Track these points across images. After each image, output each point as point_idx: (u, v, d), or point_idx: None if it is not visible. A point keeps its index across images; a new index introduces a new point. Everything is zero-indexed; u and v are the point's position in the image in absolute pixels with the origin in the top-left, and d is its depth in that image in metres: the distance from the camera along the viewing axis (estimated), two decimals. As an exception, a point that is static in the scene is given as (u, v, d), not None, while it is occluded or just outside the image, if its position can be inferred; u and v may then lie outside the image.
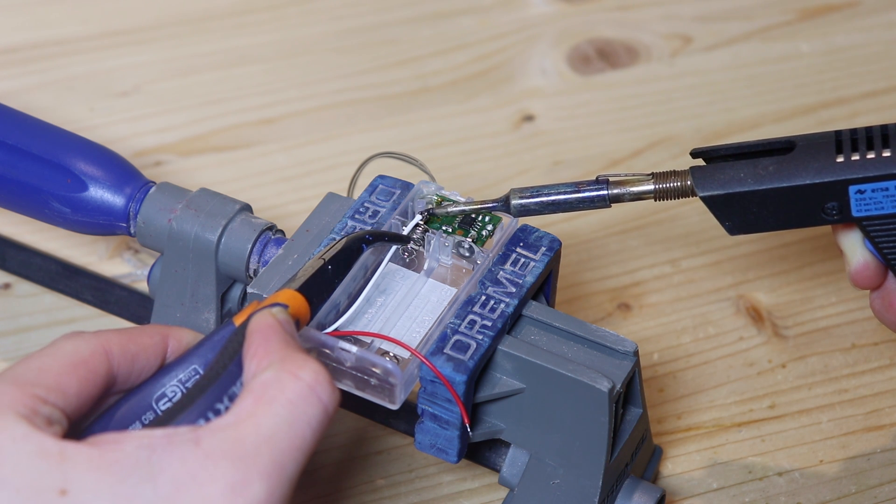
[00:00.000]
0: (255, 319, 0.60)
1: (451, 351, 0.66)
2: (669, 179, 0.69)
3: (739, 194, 0.67)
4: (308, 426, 0.56)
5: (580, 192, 0.70)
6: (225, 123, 0.95)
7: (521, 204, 0.70)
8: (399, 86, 0.97)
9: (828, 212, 0.67)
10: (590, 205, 0.70)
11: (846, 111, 0.96)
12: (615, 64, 1.00)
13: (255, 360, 0.58)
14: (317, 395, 0.57)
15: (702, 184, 0.68)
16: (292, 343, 0.59)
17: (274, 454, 0.55)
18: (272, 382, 0.57)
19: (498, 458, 0.74)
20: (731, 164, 0.68)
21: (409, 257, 0.71)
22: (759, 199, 0.67)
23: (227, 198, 0.73)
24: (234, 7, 1.02)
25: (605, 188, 0.69)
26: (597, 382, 0.66)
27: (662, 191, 0.69)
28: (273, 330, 0.59)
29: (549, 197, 0.70)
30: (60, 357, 0.59)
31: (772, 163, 0.67)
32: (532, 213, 0.70)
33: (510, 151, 0.94)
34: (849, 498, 0.76)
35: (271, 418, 0.56)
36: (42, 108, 0.94)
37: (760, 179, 0.67)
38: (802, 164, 0.67)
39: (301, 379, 0.57)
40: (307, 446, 0.56)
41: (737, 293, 0.86)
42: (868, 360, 0.82)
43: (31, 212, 0.75)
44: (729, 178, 0.68)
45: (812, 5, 1.03)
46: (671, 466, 0.78)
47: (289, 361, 0.57)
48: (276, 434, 0.56)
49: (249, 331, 0.60)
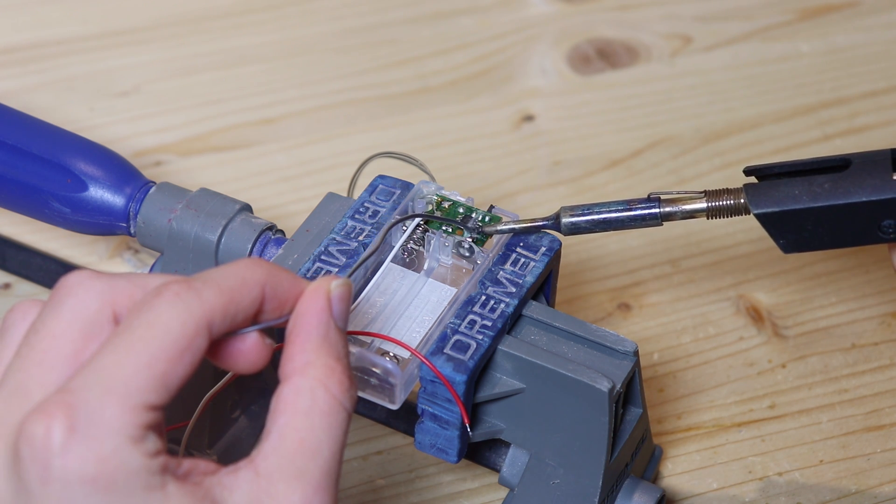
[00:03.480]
0: (308, 298, 0.58)
1: (451, 351, 0.66)
2: (722, 197, 0.68)
3: (794, 212, 0.66)
4: (340, 430, 0.57)
5: (632, 211, 0.69)
6: (225, 123, 0.95)
7: (573, 222, 0.70)
8: (399, 86, 0.97)
9: (884, 230, 0.66)
10: (641, 223, 0.69)
11: (846, 111, 0.96)
12: (615, 64, 1.00)
13: (293, 350, 0.57)
14: (342, 405, 0.57)
15: (756, 201, 0.67)
16: (331, 337, 0.58)
17: (321, 465, 0.56)
18: (305, 392, 0.56)
19: (498, 458, 0.74)
20: (786, 182, 0.67)
21: (409, 257, 0.71)
22: (814, 217, 0.66)
23: (227, 198, 0.73)
24: (234, 7, 1.02)
25: (657, 206, 0.69)
26: (597, 382, 0.66)
27: (715, 209, 0.68)
28: (318, 319, 0.58)
29: (601, 215, 0.69)
30: (165, 342, 0.53)
31: (827, 180, 0.66)
32: (583, 231, 0.69)
33: (510, 151, 0.94)
34: (849, 498, 0.76)
35: (312, 432, 0.56)
36: (42, 108, 0.94)
37: (816, 197, 0.66)
38: (858, 181, 0.66)
39: (329, 390, 0.57)
40: (342, 448, 0.57)
41: (737, 293, 0.86)
42: (868, 360, 0.82)
43: (31, 212, 0.75)
44: (783, 195, 0.67)
45: (812, 5, 1.03)
46: (671, 466, 0.78)
47: (320, 367, 0.57)
48: (320, 446, 0.56)
49: (297, 312, 0.58)
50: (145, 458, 0.53)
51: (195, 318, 0.54)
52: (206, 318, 0.54)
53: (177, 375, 0.54)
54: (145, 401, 0.53)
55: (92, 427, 0.52)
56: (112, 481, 0.52)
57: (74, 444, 0.52)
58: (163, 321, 0.54)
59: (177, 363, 0.54)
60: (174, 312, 0.54)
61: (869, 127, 0.95)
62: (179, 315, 0.54)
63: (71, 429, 0.52)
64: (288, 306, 0.58)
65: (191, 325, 0.54)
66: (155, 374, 0.53)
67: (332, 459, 0.56)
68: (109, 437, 0.52)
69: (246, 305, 0.56)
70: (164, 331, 0.54)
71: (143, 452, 0.53)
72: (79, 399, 0.53)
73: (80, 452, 0.52)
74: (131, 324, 0.54)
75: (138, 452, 0.53)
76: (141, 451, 0.53)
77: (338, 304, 0.58)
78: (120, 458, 0.52)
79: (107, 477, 0.52)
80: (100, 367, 0.53)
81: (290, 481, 0.55)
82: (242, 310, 0.56)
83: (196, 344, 0.54)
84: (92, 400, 0.53)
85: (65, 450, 0.52)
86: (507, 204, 0.90)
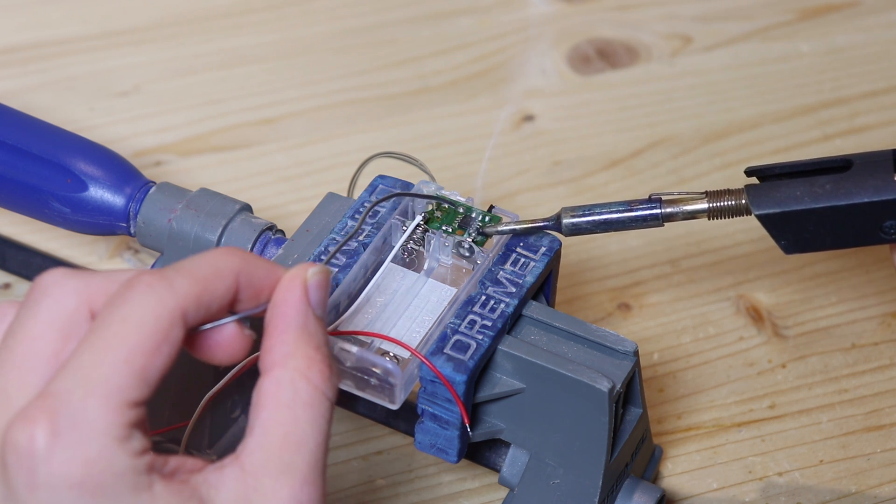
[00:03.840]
0: (284, 287, 0.57)
1: (451, 351, 0.66)
2: (723, 198, 0.68)
3: (796, 213, 0.66)
4: (324, 420, 0.56)
5: (633, 211, 0.69)
6: (225, 123, 0.95)
7: (574, 223, 0.70)
8: (399, 86, 0.97)
9: (886, 231, 0.66)
10: (642, 223, 0.69)
11: (846, 111, 0.96)
12: (615, 64, 1.00)
13: (271, 341, 0.57)
14: (324, 394, 0.56)
15: (757, 202, 0.67)
16: (309, 326, 0.57)
17: (307, 457, 0.55)
18: (286, 384, 0.56)
19: (498, 458, 0.74)
20: (787, 182, 0.67)
21: (409, 257, 0.71)
22: (815, 218, 0.66)
23: (227, 198, 0.73)
24: (234, 7, 1.02)
25: (659, 207, 0.69)
26: (597, 382, 0.66)
27: (716, 210, 0.68)
28: (295, 308, 0.57)
29: (602, 216, 0.69)
30: (141, 336, 0.53)
31: (828, 181, 0.66)
32: (584, 232, 0.69)
33: (510, 151, 0.94)
34: (849, 498, 0.76)
35: (296, 424, 0.55)
36: (42, 108, 0.94)
37: (817, 198, 0.66)
38: (860, 182, 0.66)
39: (311, 380, 0.56)
40: (327, 438, 0.56)
41: (737, 293, 0.86)
42: (868, 360, 0.82)
43: (31, 212, 0.75)
44: (785, 196, 0.67)
45: (812, 5, 1.03)
46: (671, 466, 0.78)
47: (299, 358, 0.56)
48: (305, 438, 0.55)
49: (274, 302, 0.57)
50: (132, 458, 0.52)
51: (168, 308, 0.53)
52: (179, 308, 0.54)
53: (156, 368, 0.53)
54: (127, 398, 0.52)
55: (75, 430, 0.52)
56: (99, 484, 0.52)
57: (59, 448, 0.52)
58: (136, 314, 0.53)
59: (155, 356, 0.53)
60: (147, 305, 0.53)
61: (869, 127, 0.95)
62: (153, 307, 0.53)
63: (54, 433, 0.52)
64: (265, 295, 0.57)
65: (165, 317, 0.53)
66: (134, 370, 0.52)
67: (317, 451, 0.55)
68: (94, 438, 0.52)
69: (220, 294, 0.55)
70: (139, 324, 0.53)
71: (129, 452, 0.52)
72: (60, 402, 0.52)
73: (66, 456, 0.52)
74: (105, 320, 0.53)
75: (124, 452, 0.52)
76: (127, 451, 0.52)
77: (315, 292, 0.57)
78: (106, 459, 0.52)
79: (94, 479, 0.52)
80: (78, 367, 0.53)
81: (276, 477, 0.54)
82: (217, 298, 0.55)
83: (172, 335, 0.53)
84: (74, 402, 0.52)
85: (49, 455, 0.52)
86: (507, 204, 0.90)
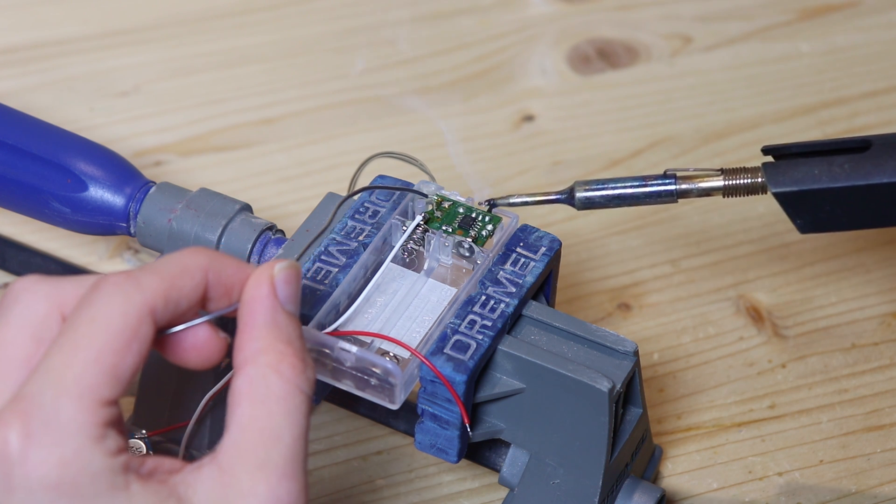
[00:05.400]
0: (252, 285, 0.57)
1: (451, 351, 0.66)
2: (740, 175, 0.67)
3: (813, 191, 0.66)
4: (300, 413, 0.56)
5: (647, 186, 0.68)
6: (225, 123, 0.95)
7: (587, 196, 0.69)
8: (399, 86, 0.98)
9: None
10: (656, 199, 0.68)
11: (846, 111, 0.96)
12: (615, 64, 1.00)
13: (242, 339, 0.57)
14: (298, 388, 0.56)
15: (774, 180, 0.66)
16: (279, 321, 0.57)
17: (283, 452, 0.55)
18: (258, 380, 0.56)
19: (498, 458, 0.74)
20: (805, 161, 0.66)
21: (409, 257, 0.71)
22: (833, 198, 0.66)
23: (227, 198, 0.73)
24: (234, 7, 1.02)
25: (674, 182, 0.68)
26: (597, 382, 0.66)
27: (732, 187, 0.67)
28: (263, 305, 0.57)
29: (616, 190, 0.69)
30: (109, 334, 0.53)
31: (847, 160, 0.65)
32: (597, 205, 0.69)
33: (510, 151, 0.94)
34: (849, 498, 0.76)
35: (270, 419, 0.55)
36: (42, 108, 0.94)
37: (835, 177, 0.65)
38: (879, 162, 0.65)
39: (282, 374, 0.56)
40: (305, 431, 0.56)
41: (737, 293, 0.86)
42: (868, 360, 0.82)
43: (31, 212, 0.75)
44: (803, 174, 0.66)
45: (812, 5, 1.03)
46: (671, 466, 0.78)
47: (270, 353, 0.56)
48: (280, 432, 0.55)
49: (243, 300, 0.57)
50: (107, 458, 0.52)
51: (136, 306, 0.53)
52: (147, 306, 0.54)
53: (126, 366, 0.53)
54: (99, 396, 0.52)
55: (49, 431, 0.52)
56: (75, 484, 0.52)
57: (33, 450, 0.52)
58: (104, 313, 0.53)
59: (125, 354, 0.53)
60: (114, 303, 0.53)
61: (869, 127, 0.95)
62: (120, 305, 0.53)
63: (27, 435, 0.52)
64: (236, 293, 0.57)
65: (133, 315, 0.53)
66: (104, 368, 0.53)
67: (294, 445, 0.55)
68: (69, 438, 0.52)
69: (188, 291, 0.55)
70: (107, 323, 0.53)
71: (104, 452, 0.52)
72: (32, 404, 0.52)
73: (41, 458, 0.52)
74: (74, 321, 0.53)
75: (100, 452, 0.52)
76: (102, 451, 0.52)
77: (283, 288, 0.57)
78: (82, 459, 0.52)
79: (70, 480, 0.52)
80: (49, 369, 0.53)
81: (253, 472, 0.54)
82: (185, 295, 0.55)
83: (141, 332, 0.54)
84: (46, 403, 0.52)
85: (24, 457, 0.52)
86: (507, 204, 0.90)
